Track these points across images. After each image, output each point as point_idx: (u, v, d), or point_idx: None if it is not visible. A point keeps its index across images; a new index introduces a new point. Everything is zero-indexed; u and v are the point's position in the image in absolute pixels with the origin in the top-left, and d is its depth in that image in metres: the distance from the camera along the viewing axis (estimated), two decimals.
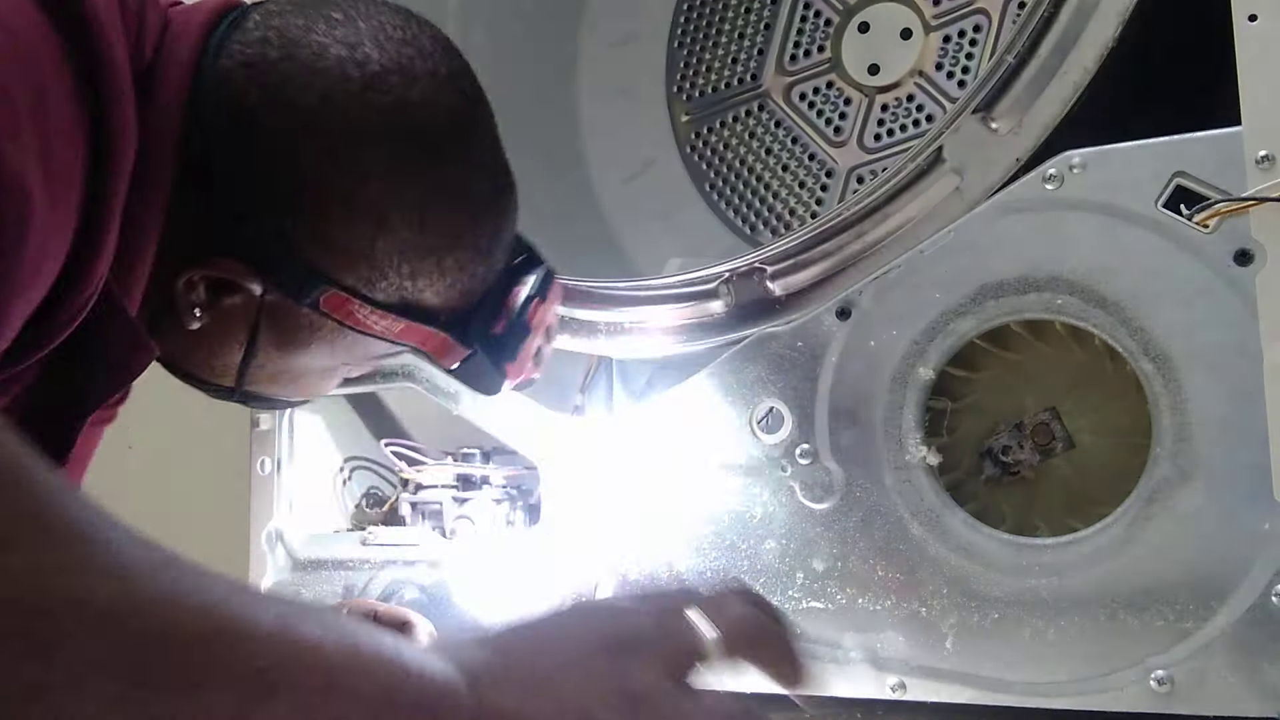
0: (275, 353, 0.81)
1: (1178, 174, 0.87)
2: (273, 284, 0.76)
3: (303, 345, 0.81)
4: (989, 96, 0.94)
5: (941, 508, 0.96)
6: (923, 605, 0.94)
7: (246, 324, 0.79)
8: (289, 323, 0.79)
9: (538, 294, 0.89)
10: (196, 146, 0.73)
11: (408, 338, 0.81)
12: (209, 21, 0.76)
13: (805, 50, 1.51)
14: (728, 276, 1.04)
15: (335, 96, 0.73)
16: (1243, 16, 0.84)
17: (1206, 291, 0.86)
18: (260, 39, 0.75)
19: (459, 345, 0.84)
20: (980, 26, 1.38)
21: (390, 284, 0.77)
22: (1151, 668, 0.86)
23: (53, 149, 0.61)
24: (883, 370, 0.97)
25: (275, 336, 0.80)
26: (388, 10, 0.79)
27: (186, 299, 0.77)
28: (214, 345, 0.81)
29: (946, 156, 0.96)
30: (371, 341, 0.81)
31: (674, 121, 1.60)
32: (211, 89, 0.74)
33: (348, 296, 0.76)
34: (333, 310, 0.77)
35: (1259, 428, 0.83)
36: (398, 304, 0.79)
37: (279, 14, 0.77)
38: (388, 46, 0.75)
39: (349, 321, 0.78)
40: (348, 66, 0.74)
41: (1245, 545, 0.84)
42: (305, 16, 0.76)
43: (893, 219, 0.99)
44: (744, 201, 1.53)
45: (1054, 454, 1.00)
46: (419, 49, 0.77)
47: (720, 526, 1.03)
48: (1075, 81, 0.92)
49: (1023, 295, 0.93)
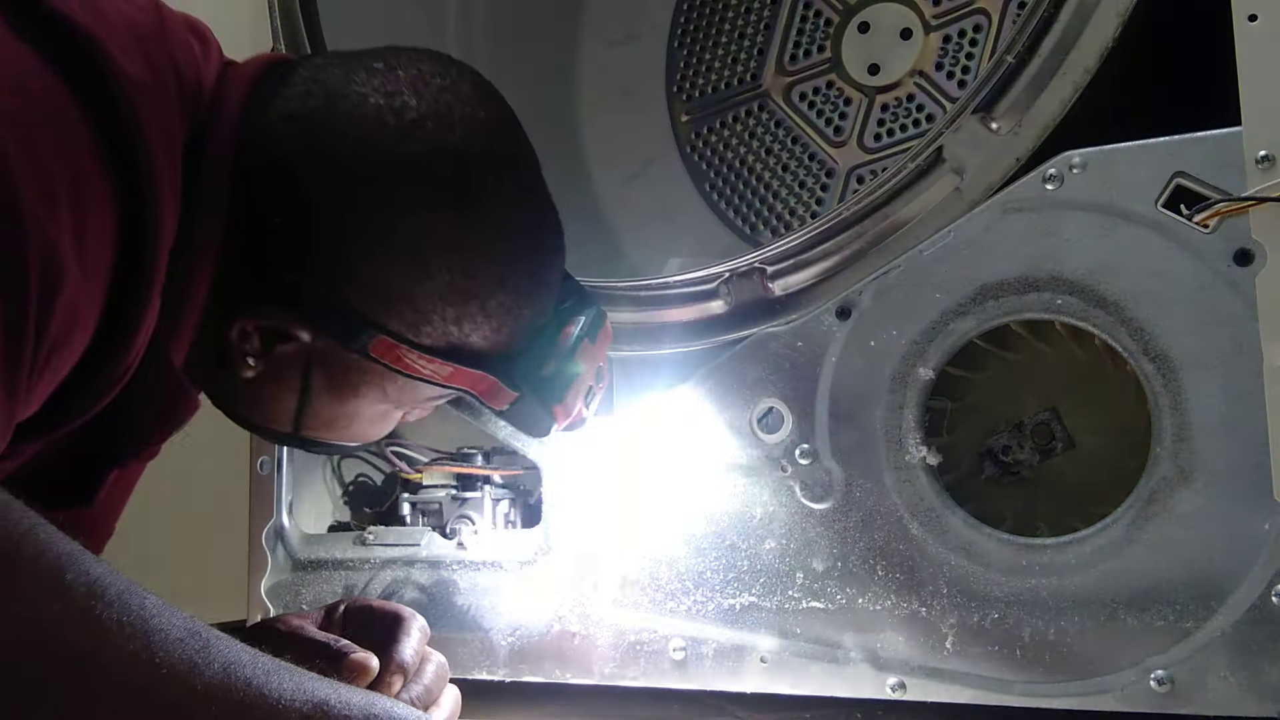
0: (329, 398, 0.82)
1: (1178, 174, 0.87)
2: (322, 331, 0.77)
3: (354, 390, 0.81)
4: (989, 96, 0.94)
5: (941, 508, 0.95)
6: (923, 605, 0.94)
7: (299, 371, 0.80)
8: (340, 368, 0.79)
9: (587, 334, 0.88)
10: (243, 199, 0.74)
11: (456, 381, 0.81)
12: (256, 78, 0.78)
13: (805, 50, 1.51)
14: (727, 276, 1.04)
15: (372, 143, 0.74)
16: (1243, 16, 0.84)
17: (1206, 291, 0.86)
18: (303, 92, 0.76)
19: (507, 388, 0.84)
20: (980, 26, 1.38)
21: (435, 328, 0.78)
22: (1151, 668, 0.86)
23: (86, 225, 0.62)
24: (883, 370, 0.97)
25: (328, 382, 0.80)
26: (428, 59, 0.79)
27: (240, 348, 0.78)
28: (269, 392, 0.82)
29: (946, 156, 0.96)
30: (422, 385, 0.81)
31: (674, 121, 1.61)
32: (257, 143, 0.75)
33: (395, 341, 0.77)
34: (381, 355, 0.77)
35: (1259, 428, 0.83)
36: (444, 348, 0.79)
37: (323, 67, 0.79)
38: (426, 94, 0.76)
39: (397, 366, 0.78)
40: (385, 114, 0.75)
41: (1245, 545, 0.84)
42: (347, 68, 0.77)
43: (892, 219, 0.99)
44: (744, 201, 1.54)
45: (1054, 454, 1.00)
46: (457, 94, 0.77)
47: (720, 526, 1.03)
48: (1075, 81, 0.92)
49: (1023, 295, 0.93)
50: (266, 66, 0.79)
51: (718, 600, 1.02)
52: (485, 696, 1.07)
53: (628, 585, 1.06)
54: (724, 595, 1.01)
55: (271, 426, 0.85)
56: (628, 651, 1.05)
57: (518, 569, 1.11)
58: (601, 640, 1.06)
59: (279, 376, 0.80)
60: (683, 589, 1.03)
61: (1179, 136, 0.88)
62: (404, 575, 1.16)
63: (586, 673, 1.07)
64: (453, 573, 1.14)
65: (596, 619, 1.06)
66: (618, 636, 1.05)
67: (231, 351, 0.78)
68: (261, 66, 0.79)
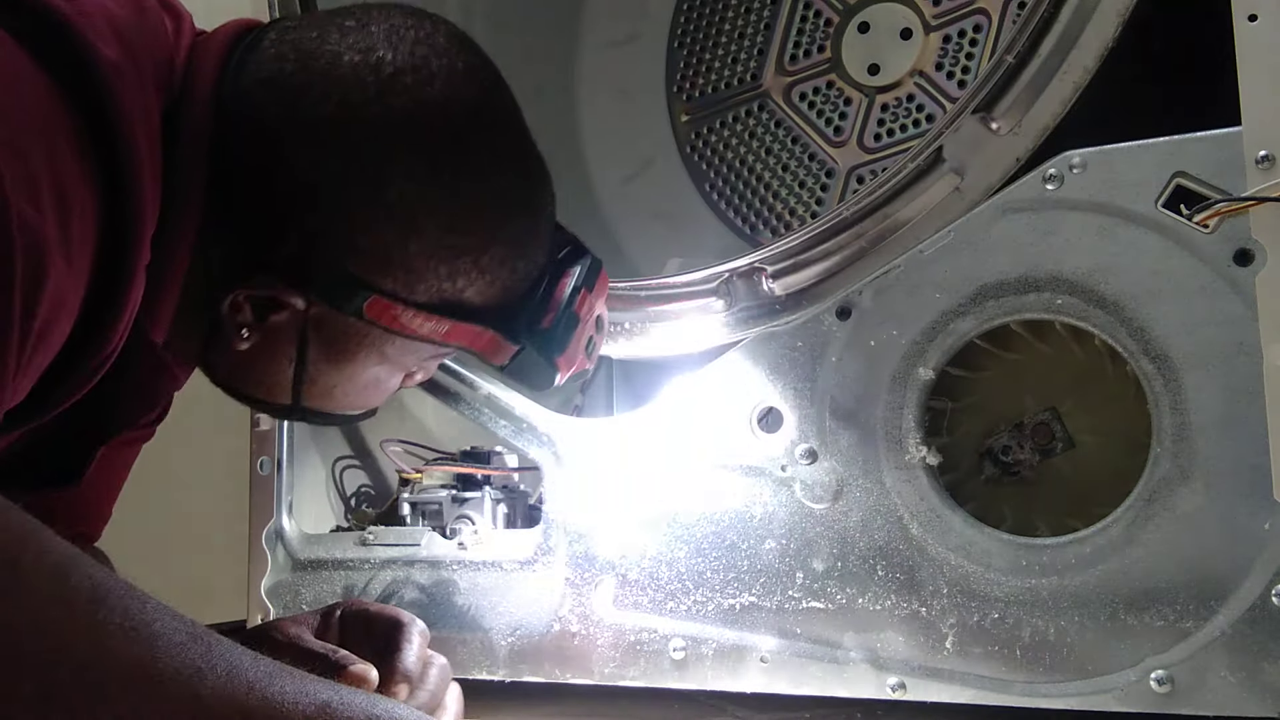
0: (326, 365, 0.81)
1: (1178, 174, 0.87)
2: (315, 296, 0.76)
3: (351, 355, 0.80)
4: (989, 96, 0.94)
5: (941, 508, 0.96)
6: (923, 605, 0.94)
7: (295, 339, 0.79)
8: (336, 333, 0.79)
9: (584, 284, 0.87)
10: (225, 170, 0.74)
11: (454, 338, 0.80)
12: (226, 46, 0.77)
13: (805, 50, 1.51)
14: (728, 276, 1.04)
15: (352, 101, 0.73)
16: (1243, 16, 0.84)
17: (1206, 291, 0.86)
18: (275, 55, 0.75)
19: (507, 342, 0.83)
20: (980, 27, 1.38)
21: (430, 285, 0.77)
22: (1151, 668, 0.86)
23: (69, 212, 0.61)
24: (883, 370, 0.97)
25: (324, 349, 0.80)
26: (400, 12, 0.78)
27: (234, 320, 0.77)
28: (265, 364, 0.81)
29: (946, 156, 0.96)
30: (419, 345, 0.80)
31: (674, 121, 1.61)
32: (233, 112, 0.74)
33: (390, 301, 0.76)
34: (377, 317, 0.77)
35: (1259, 428, 0.83)
36: (440, 304, 0.78)
37: (293, 29, 0.78)
38: (401, 47, 0.75)
39: (394, 326, 0.77)
40: (362, 71, 0.74)
41: (1245, 545, 0.84)
42: (318, 28, 0.76)
43: (893, 219, 0.99)
44: (744, 201, 1.54)
45: (1054, 454, 1.00)
46: (433, 46, 0.76)
47: (720, 526, 1.03)
48: (1075, 81, 0.92)
49: (1023, 295, 0.93)
50: (236, 33, 0.78)
51: (718, 600, 1.02)
52: (485, 696, 1.07)
53: (628, 585, 1.06)
54: (724, 595, 1.01)
55: (271, 399, 0.84)
56: (628, 651, 1.05)
57: (518, 569, 1.11)
58: (601, 640, 1.06)
59: (274, 346, 0.79)
60: (683, 589, 1.03)
61: (1179, 136, 0.88)
62: (404, 575, 1.16)
63: (586, 673, 1.07)
64: (453, 573, 1.14)
65: (596, 619, 1.06)
66: (618, 636, 1.05)
67: (224, 324, 0.77)
68: (231, 34, 0.78)
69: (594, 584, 1.07)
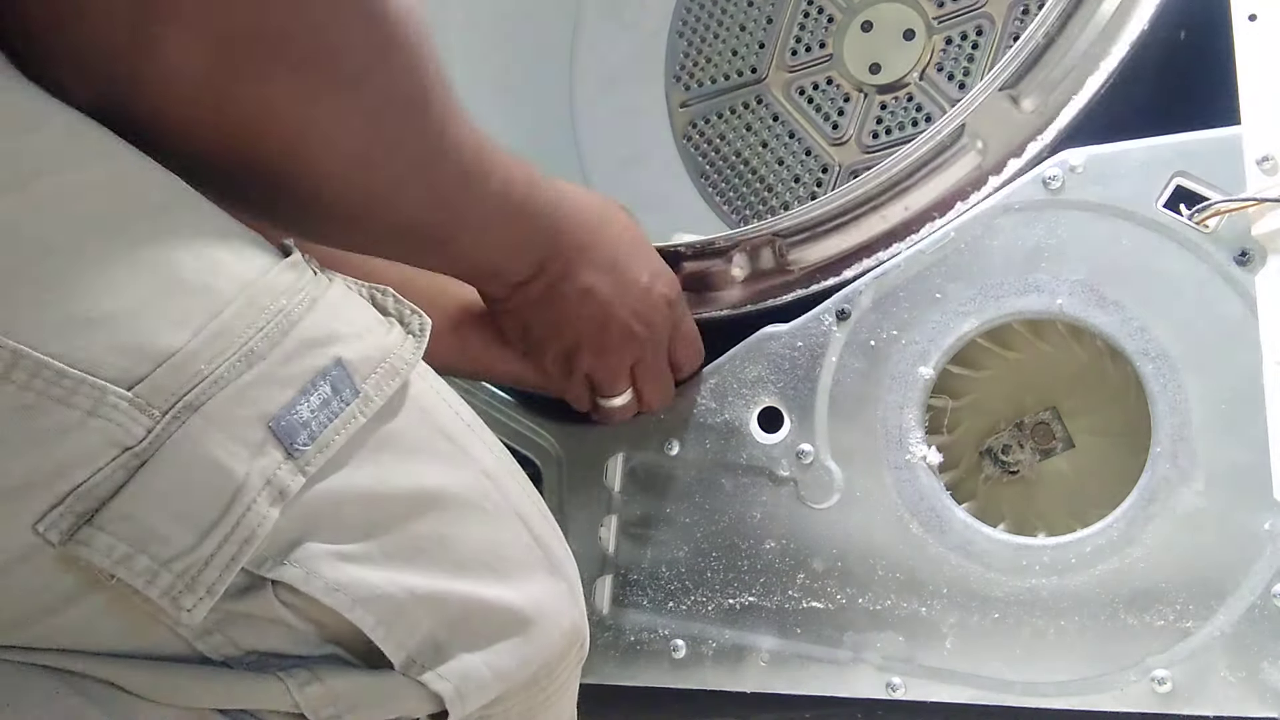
0: None
1: (1178, 174, 0.87)
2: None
3: None
4: (1016, 74, 0.93)
5: (942, 507, 0.96)
6: (923, 605, 0.94)
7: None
8: None
9: None
10: None
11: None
12: None
13: (807, 46, 1.50)
14: (741, 244, 1.04)
15: None
16: (1242, 16, 0.84)
17: (1206, 291, 0.86)
18: None
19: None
20: (983, 30, 1.37)
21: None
22: (1151, 668, 0.86)
23: None
24: (883, 370, 0.97)
25: None
26: None
27: None
28: None
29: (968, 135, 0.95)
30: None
31: (671, 111, 1.60)
32: None
33: None
34: None
35: (1259, 428, 0.83)
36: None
37: None
38: None
39: None
40: None
41: (1245, 545, 0.84)
42: None
43: (912, 195, 0.98)
44: (737, 194, 1.53)
45: (1054, 454, 1.00)
46: None
47: (720, 526, 1.03)
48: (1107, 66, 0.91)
49: (1023, 295, 0.93)
50: None
51: (718, 600, 1.02)
52: None
53: (628, 585, 1.06)
54: (724, 595, 1.02)
55: None
56: (628, 651, 1.05)
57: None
58: (601, 640, 1.06)
59: None
60: (683, 589, 1.03)
61: (1179, 136, 0.88)
62: None
63: (586, 673, 1.07)
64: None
65: (596, 619, 1.06)
66: (617, 636, 1.05)
67: None
68: None
69: (594, 584, 1.07)
